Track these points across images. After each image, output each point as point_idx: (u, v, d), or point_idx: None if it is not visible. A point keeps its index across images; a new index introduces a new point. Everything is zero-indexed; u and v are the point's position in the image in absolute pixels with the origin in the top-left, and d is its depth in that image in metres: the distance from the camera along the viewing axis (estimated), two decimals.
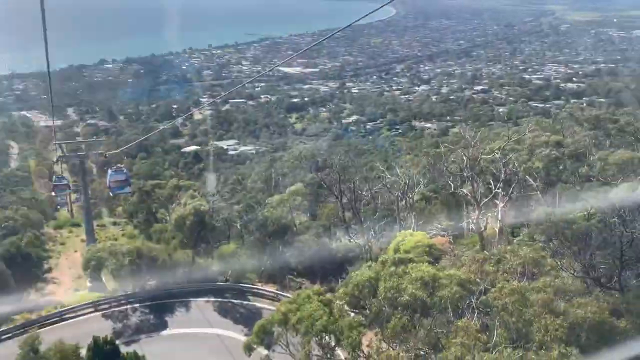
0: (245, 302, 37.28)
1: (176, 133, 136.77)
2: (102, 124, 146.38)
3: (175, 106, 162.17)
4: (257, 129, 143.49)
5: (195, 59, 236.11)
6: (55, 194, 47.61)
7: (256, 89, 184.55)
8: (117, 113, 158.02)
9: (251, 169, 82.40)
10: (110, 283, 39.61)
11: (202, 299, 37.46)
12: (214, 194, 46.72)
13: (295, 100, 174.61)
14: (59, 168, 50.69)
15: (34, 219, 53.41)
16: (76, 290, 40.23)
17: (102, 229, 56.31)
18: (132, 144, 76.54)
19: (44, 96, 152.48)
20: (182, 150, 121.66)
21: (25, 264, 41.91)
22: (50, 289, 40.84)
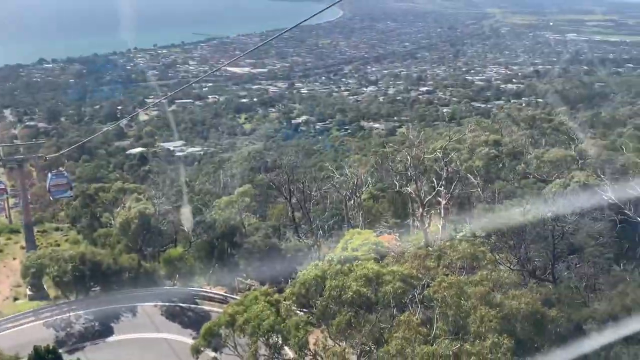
0: (194, 306, 36.95)
1: (121, 135, 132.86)
2: (42, 125, 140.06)
3: (119, 107, 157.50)
4: (205, 130, 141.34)
5: (141, 59, 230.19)
6: None
7: (204, 89, 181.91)
8: (58, 114, 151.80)
9: (199, 170, 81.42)
10: (52, 290, 38.37)
11: (149, 304, 36.81)
12: (160, 197, 45.92)
13: (244, 100, 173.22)
14: None
15: None
16: (15, 299, 38.67)
17: (44, 234, 54.20)
18: (75, 146, 74.20)
19: None
20: (128, 152, 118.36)
21: None
22: None
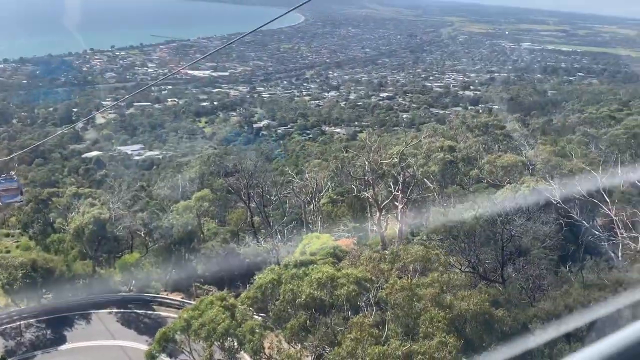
0: (150, 312, 36.49)
1: (77, 138, 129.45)
2: None
3: (75, 109, 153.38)
4: (164, 134, 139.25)
5: (97, 61, 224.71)
6: None
7: (163, 92, 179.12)
8: (10, 117, 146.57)
9: (157, 174, 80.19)
10: (1, 298, 37.16)
11: (104, 311, 36.18)
12: (116, 202, 45.09)
13: (205, 104, 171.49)
14: None
15: None
16: None
17: None
18: (27, 150, 72.22)
19: None
20: (83, 156, 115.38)
21: None
22: None
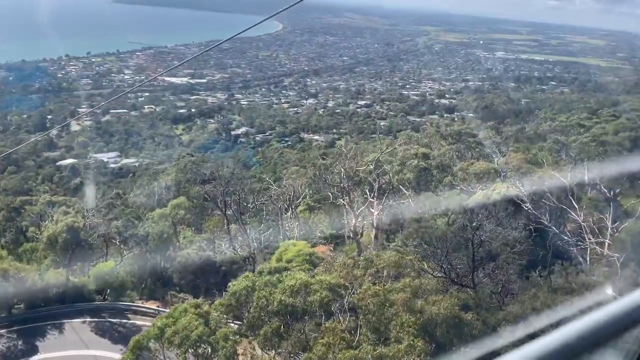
0: (125, 321, 36.21)
1: (51, 145, 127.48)
2: None
3: (49, 116, 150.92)
4: (141, 141, 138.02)
5: (73, 67, 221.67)
6: None
7: (140, 99, 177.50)
8: None
9: (133, 182, 79.54)
10: None
11: (78, 320, 35.78)
12: (91, 210, 44.72)
13: (182, 111, 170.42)
14: None
15: None
16: None
17: None
18: None
19: None
20: (58, 163, 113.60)
21: None
22: None
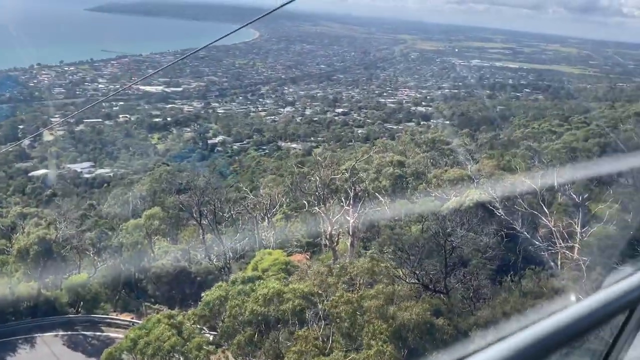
0: (99, 334, 35.78)
1: (23, 155, 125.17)
2: None
3: (21, 126, 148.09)
4: (115, 150, 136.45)
5: (45, 76, 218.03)
6: None
7: (114, 108, 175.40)
8: None
9: (107, 192, 78.52)
10: None
11: (50, 334, 35.22)
12: (63, 221, 44.07)
13: (157, 119, 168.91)
14: None
15: None
16: None
17: None
18: None
19: None
20: (30, 174, 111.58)
21: None
22: None
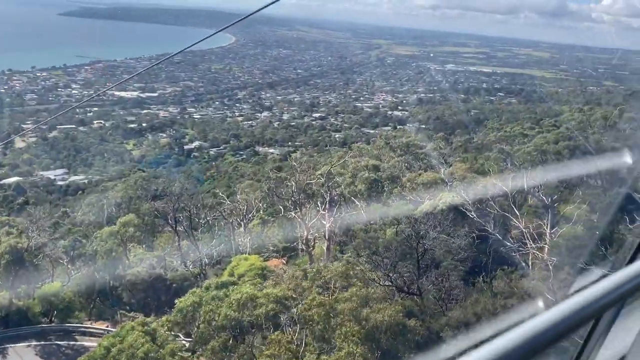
0: (73, 343, 35.38)
1: None
2: None
3: None
4: (90, 157, 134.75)
5: (17, 82, 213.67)
6: None
7: (88, 114, 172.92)
8: None
9: (82, 200, 77.49)
10: None
11: (22, 344, 34.72)
12: (36, 229, 43.43)
13: (133, 125, 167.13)
14: None
15: None
16: None
17: None
18: None
19: None
20: (1, 182, 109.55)
21: None
22: None
